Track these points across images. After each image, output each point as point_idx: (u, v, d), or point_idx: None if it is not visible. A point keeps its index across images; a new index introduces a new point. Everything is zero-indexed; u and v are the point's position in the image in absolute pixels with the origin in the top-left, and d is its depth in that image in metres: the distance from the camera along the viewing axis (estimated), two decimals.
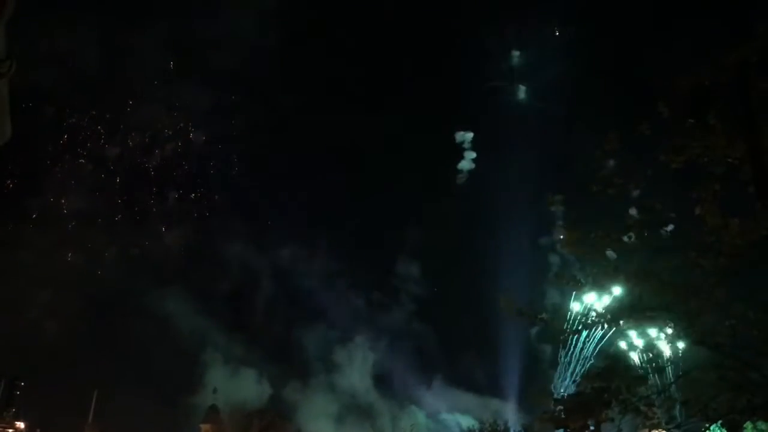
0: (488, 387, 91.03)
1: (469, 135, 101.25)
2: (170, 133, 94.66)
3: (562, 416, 12.00)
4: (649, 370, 12.32)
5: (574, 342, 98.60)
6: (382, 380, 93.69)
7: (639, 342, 13.45)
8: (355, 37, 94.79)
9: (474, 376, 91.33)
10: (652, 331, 13.61)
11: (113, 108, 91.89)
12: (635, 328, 13.34)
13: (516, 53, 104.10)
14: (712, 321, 12.17)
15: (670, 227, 13.08)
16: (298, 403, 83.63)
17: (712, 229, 12.41)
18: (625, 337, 13.00)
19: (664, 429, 14.20)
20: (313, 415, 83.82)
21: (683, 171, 12.91)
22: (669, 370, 12.38)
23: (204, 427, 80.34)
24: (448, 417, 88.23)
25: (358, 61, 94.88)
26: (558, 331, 14.02)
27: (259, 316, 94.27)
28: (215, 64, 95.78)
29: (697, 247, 12.46)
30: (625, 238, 12.90)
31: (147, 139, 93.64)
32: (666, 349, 13.09)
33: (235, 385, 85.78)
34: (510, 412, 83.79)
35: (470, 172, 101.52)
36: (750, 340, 12.08)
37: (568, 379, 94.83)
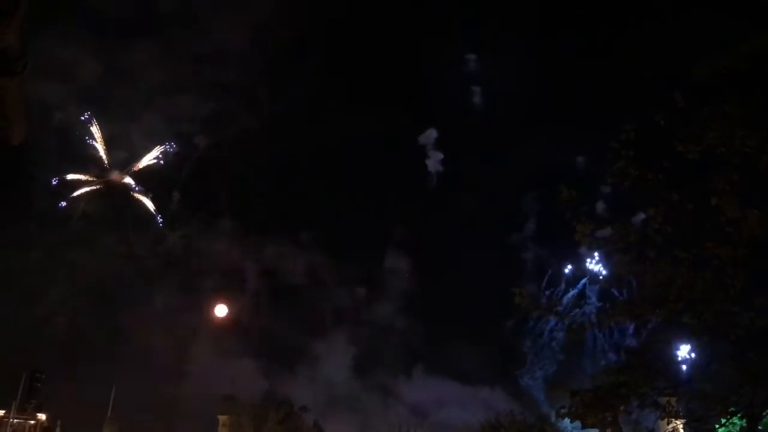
0: (477, 377, 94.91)
1: (433, 134, 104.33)
2: (169, 139, 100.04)
3: (580, 411, 11.96)
4: (668, 364, 12.22)
5: (545, 333, 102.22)
6: (369, 373, 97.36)
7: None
8: (335, 48, 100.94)
9: (461, 367, 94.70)
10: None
11: (113, 116, 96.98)
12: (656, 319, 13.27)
13: (472, 56, 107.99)
14: (731, 313, 12.05)
15: (688, 218, 12.94)
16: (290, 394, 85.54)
17: (730, 220, 12.26)
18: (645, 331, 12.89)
19: (682, 419, 14.12)
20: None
21: (700, 161, 12.76)
22: (688, 362, 12.26)
23: (222, 418, 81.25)
24: (450, 410, 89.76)
25: (339, 71, 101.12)
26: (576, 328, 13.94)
27: (249, 311, 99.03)
28: (209, 77, 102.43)
29: (716, 239, 12.33)
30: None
31: (147, 145, 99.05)
32: (686, 342, 12.97)
33: (227, 377, 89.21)
34: (500, 401, 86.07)
35: (439, 173, 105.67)
36: None
37: (538, 372, 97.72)
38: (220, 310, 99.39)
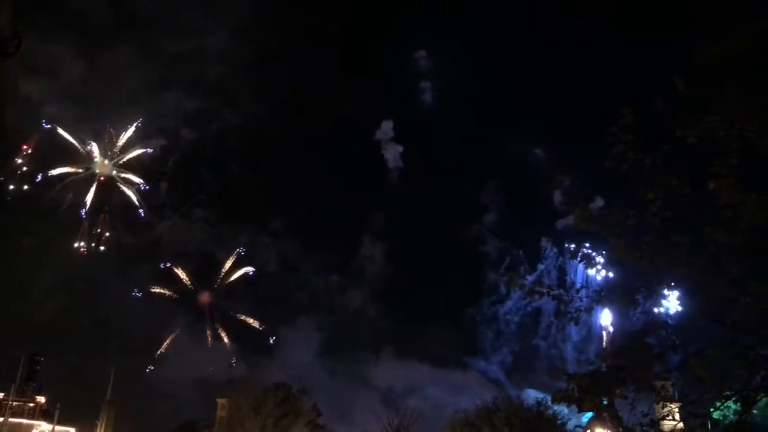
0: (450, 360, 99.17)
1: (389, 126, 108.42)
2: (154, 133, 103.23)
3: (576, 395, 11.98)
4: (665, 348, 12.24)
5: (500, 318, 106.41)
6: (343, 357, 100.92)
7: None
8: (309, 50, 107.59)
9: (433, 350, 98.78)
10: (669, 308, 13.58)
11: (98, 112, 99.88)
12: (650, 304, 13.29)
13: (423, 53, 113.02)
14: (728, 298, 12.04)
15: (686, 202, 12.89)
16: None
17: (728, 205, 12.21)
18: (645, 314, 12.90)
19: (677, 403, 14.21)
20: None
21: (699, 146, 12.68)
22: (683, 347, 12.28)
23: (221, 401, 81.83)
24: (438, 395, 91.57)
25: (314, 71, 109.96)
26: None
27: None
28: (190, 75, 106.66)
29: (714, 223, 12.28)
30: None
31: (133, 139, 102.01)
32: (682, 326, 12.98)
33: (205, 360, 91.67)
34: (476, 385, 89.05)
35: (399, 168, 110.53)
36: (766, 317, 11.96)
37: (493, 357, 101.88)
38: (201, 296, 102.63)
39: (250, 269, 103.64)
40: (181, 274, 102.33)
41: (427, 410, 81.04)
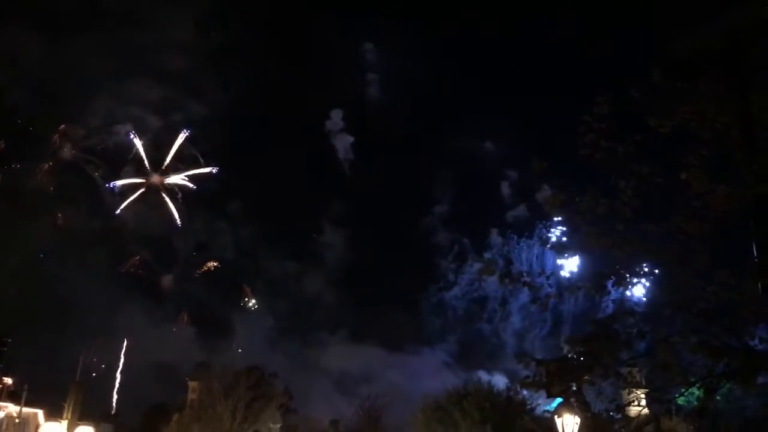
0: (405, 345, 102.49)
1: (339, 116, 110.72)
2: (119, 120, 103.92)
3: (544, 380, 12.09)
4: (632, 335, 12.41)
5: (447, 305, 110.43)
6: (302, 342, 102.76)
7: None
8: (270, 43, 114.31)
9: (389, 336, 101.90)
10: (636, 296, 13.77)
11: (63, 99, 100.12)
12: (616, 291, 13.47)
13: (370, 46, 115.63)
14: (695, 287, 12.23)
15: (657, 191, 13.03)
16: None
17: (698, 195, 12.36)
18: (613, 303, 13.09)
19: (643, 389, 14.48)
20: None
21: (671, 136, 12.80)
22: (650, 334, 12.47)
23: (192, 384, 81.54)
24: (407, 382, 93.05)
25: (278, 62, 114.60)
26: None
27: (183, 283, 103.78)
28: (154, 66, 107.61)
29: (683, 213, 12.44)
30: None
31: (100, 127, 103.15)
32: (649, 314, 13.18)
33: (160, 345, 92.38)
34: (429, 369, 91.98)
35: (350, 159, 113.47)
36: (730, 306, 12.18)
37: (438, 343, 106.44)
38: (162, 281, 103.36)
39: (215, 265, 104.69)
40: (141, 259, 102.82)
41: (389, 394, 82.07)
